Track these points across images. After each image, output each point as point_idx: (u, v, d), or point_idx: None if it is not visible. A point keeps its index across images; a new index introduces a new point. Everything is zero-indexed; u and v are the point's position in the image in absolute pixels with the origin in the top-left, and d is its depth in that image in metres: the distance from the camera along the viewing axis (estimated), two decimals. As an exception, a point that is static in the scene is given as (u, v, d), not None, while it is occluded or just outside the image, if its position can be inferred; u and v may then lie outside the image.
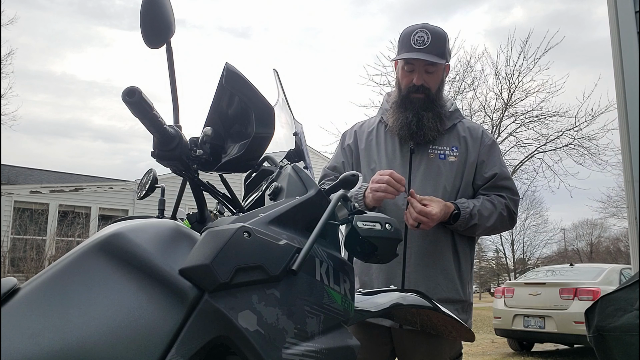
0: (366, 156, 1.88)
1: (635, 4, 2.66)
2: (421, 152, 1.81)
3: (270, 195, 1.07)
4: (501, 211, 1.79)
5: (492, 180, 1.81)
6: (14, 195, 13.12)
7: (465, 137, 1.84)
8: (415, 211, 1.63)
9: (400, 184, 1.64)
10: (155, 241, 0.86)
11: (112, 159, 45.28)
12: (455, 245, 1.79)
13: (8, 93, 14.85)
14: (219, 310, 0.82)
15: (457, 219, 1.71)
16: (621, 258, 30.07)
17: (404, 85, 1.82)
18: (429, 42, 1.73)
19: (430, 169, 1.79)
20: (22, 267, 9.88)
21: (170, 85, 0.99)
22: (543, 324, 6.92)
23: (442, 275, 1.74)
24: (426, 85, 1.79)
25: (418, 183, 1.77)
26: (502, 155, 1.93)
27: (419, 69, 1.78)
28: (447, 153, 1.81)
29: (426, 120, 1.78)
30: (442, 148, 1.82)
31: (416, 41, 1.75)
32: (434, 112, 1.80)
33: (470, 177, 1.82)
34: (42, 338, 0.74)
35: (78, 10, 35.56)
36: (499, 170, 1.82)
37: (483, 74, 19.10)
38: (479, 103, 16.81)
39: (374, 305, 1.21)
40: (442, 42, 1.77)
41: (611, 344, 1.82)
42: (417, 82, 1.78)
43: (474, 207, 1.73)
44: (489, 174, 1.82)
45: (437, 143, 1.82)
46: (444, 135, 1.83)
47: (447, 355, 1.72)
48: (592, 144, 16.10)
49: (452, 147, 1.82)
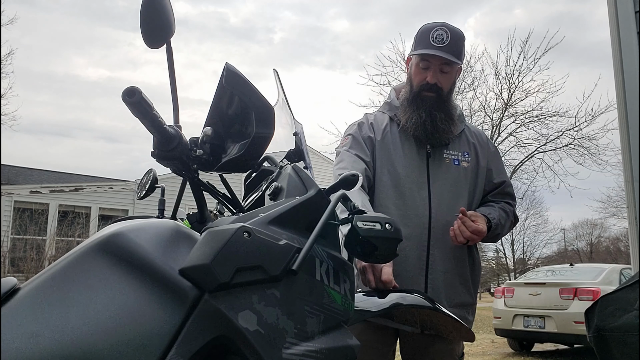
0: (384, 155, 1.81)
1: (635, 4, 2.66)
2: (438, 157, 1.79)
3: (270, 195, 1.07)
4: (512, 219, 1.85)
5: (500, 187, 1.86)
6: (14, 195, 13.11)
7: (474, 143, 1.85)
8: (470, 230, 1.63)
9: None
10: (155, 241, 0.86)
11: (113, 159, 45.28)
12: (472, 252, 1.82)
13: (8, 93, 14.85)
14: (219, 310, 0.82)
15: (488, 231, 1.73)
16: (621, 258, 30.07)
17: (417, 83, 1.78)
18: (448, 41, 1.70)
19: (448, 175, 1.78)
20: (22, 267, 9.87)
21: (170, 85, 0.99)
22: (543, 324, 6.92)
23: (459, 280, 1.76)
24: (439, 84, 1.76)
25: (438, 189, 1.76)
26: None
27: (434, 67, 1.74)
28: (460, 158, 1.81)
29: (439, 121, 1.76)
30: (455, 153, 1.81)
31: (435, 39, 1.71)
32: (446, 113, 1.78)
33: (482, 184, 1.84)
34: (42, 338, 0.73)
35: (81, 11, 35.55)
36: (505, 178, 1.89)
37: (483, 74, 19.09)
38: (479, 103, 16.81)
39: (374, 305, 1.21)
40: (460, 43, 1.74)
41: (611, 344, 1.82)
42: (430, 80, 1.75)
43: (499, 218, 1.76)
44: (498, 181, 1.86)
45: (450, 148, 1.81)
46: (455, 140, 1.82)
47: (456, 354, 1.73)
48: (592, 144, 16.11)
49: (464, 152, 1.82)
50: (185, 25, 38.50)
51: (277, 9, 48.64)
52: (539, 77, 20.59)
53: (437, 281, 1.71)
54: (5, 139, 19.99)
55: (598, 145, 15.95)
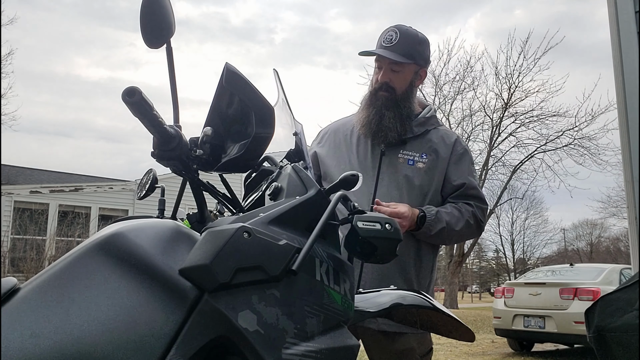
0: (340, 156, 1.88)
1: (635, 4, 2.66)
2: (391, 156, 1.82)
3: (270, 195, 1.07)
4: (468, 218, 1.80)
5: (460, 189, 1.83)
6: (14, 195, 13.12)
7: (437, 145, 1.85)
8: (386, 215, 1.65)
9: None
10: (155, 241, 0.86)
11: (114, 159, 45.30)
12: (419, 252, 1.80)
13: (8, 93, 14.86)
14: (218, 310, 0.82)
15: (423, 222, 1.72)
16: (621, 258, 30.10)
17: (374, 83, 1.85)
18: (397, 41, 1.76)
19: (397, 174, 1.80)
20: (22, 267, 9.88)
21: (170, 85, 0.99)
22: (543, 324, 6.91)
23: (400, 276, 1.75)
24: (391, 84, 1.81)
25: (384, 187, 1.78)
26: (473, 165, 1.95)
27: (385, 67, 1.80)
28: (416, 159, 1.82)
29: (386, 120, 1.79)
30: (412, 154, 1.83)
31: (385, 39, 1.78)
32: (396, 112, 1.80)
33: (439, 185, 1.83)
34: (42, 338, 0.73)
35: (83, 11, 35.58)
36: (466, 180, 1.84)
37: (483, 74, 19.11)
38: (479, 103, 16.81)
39: (374, 305, 1.21)
40: (410, 42, 1.78)
41: (611, 344, 1.82)
42: (381, 79, 1.81)
43: (439, 212, 1.75)
44: (457, 183, 1.83)
45: (407, 148, 1.83)
46: (415, 141, 1.84)
47: (416, 352, 1.74)
48: (592, 144, 16.13)
49: (422, 154, 1.83)
50: (186, 26, 38.53)
51: (279, 10, 48.66)
52: (539, 77, 20.60)
53: (370, 274, 1.72)
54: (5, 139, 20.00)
55: (598, 145, 15.97)
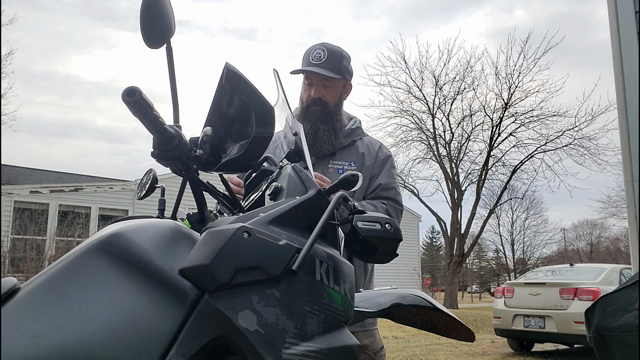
0: None
1: (635, 4, 2.66)
2: (322, 166, 1.91)
3: (270, 195, 1.07)
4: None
5: (377, 189, 1.92)
6: (14, 195, 13.12)
7: (363, 153, 1.96)
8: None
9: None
10: (155, 241, 0.86)
11: (114, 159, 45.31)
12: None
13: (8, 93, 14.87)
14: (219, 310, 0.82)
15: None
16: (621, 258, 30.10)
17: (305, 98, 1.93)
18: (325, 58, 1.87)
19: None
20: (22, 267, 9.87)
21: (170, 85, 0.99)
22: (543, 324, 6.92)
23: None
24: (323, 98, 1.90)
25: None
26: (394, 170, 2.03)
27: (316, 83, 1.89)
28: (345, 167, 1.92)
29: (321, 133, 1.89)
30: (341, 163, 1.92)
31: (314, 57, 1.88)
32: (330, 125, 1.91)
33: (363, 190, 1.91)
34: (42, 338, 0.73)
35: (83, 11, 35.60)
36: (384, 181, 1.93)
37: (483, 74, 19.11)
38: (479, 103, 16.81)
39: (374, 305, 1.21)
40: (337, 59, 1.89)
41: (611, 344, 1.82)
42: (314, 95, 1.89)
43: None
44: (375, 184, 1.93)
45: (337, 158, 1.93)
46: (343, 151, 1.94)
47: (370, 350, 1.76)
48: (592, 144, 16.14)
49: (351, 162, 1.93)
50: (186, 26, 38.51)
51: (279, 10, 48.64)
52: (539, 77, 20.60)
53: None
54: (5, 139, 20.00)
55: (598, 145, 15.98)
